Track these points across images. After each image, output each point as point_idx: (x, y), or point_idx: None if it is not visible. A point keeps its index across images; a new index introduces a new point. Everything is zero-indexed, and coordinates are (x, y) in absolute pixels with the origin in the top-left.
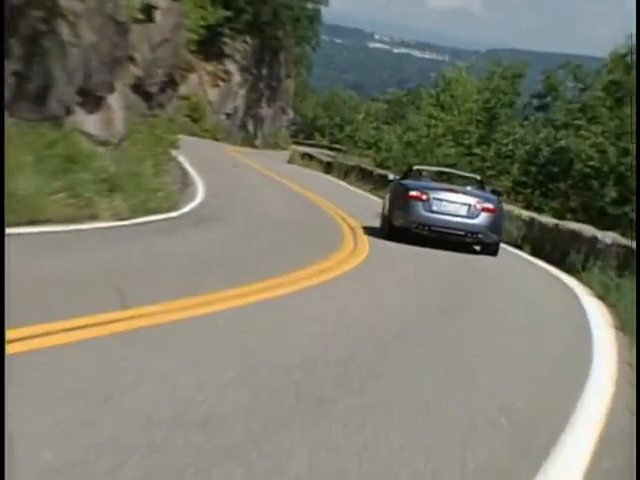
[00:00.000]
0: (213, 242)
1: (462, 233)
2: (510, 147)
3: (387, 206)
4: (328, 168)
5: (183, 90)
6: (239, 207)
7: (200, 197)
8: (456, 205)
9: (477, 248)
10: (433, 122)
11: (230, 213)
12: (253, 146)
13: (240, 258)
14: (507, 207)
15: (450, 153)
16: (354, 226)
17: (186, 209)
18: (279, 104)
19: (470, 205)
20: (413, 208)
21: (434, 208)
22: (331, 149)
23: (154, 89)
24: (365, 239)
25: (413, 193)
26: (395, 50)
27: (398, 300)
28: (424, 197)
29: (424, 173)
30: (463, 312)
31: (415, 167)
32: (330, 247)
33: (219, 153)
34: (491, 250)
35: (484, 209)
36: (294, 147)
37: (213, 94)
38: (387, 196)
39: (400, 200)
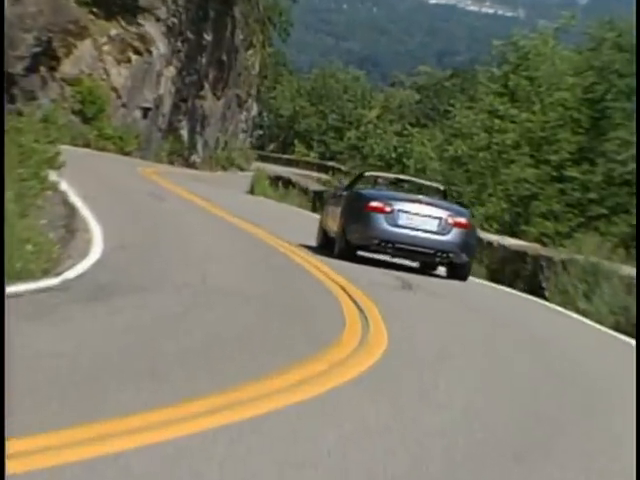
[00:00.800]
0: (122, 332)
1: (431, 252)
2: (630, 167)
3: (330, 218)
4: (318, 202)
5: (68, 69)
6: (166, 269)
7: (98, 251)
8: (425, 219)
9: (442, 271)
10: (498, 124)
11: (150, 279)
12: (189, 165)
13: (169, 359)
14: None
15: (527, 176)
16: (364, 307)
17: (73, 272)
18: (234, 92)
19: (441, 219)
20: (374, 222)
21: (399, 222)
22: (323, 169)
23: (19, 68)
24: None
25: (374, 204)
26: (432, 0)
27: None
28: (387, 209)
29: (379, 180)
30: None
31: (367, 173)
32: (322, 339)
33: (130, 177)
34: (461, 274)
35: (456, 224)
36: (260, 166)
37: (120, 76)
38: (329, 207)
39: (357, 212)
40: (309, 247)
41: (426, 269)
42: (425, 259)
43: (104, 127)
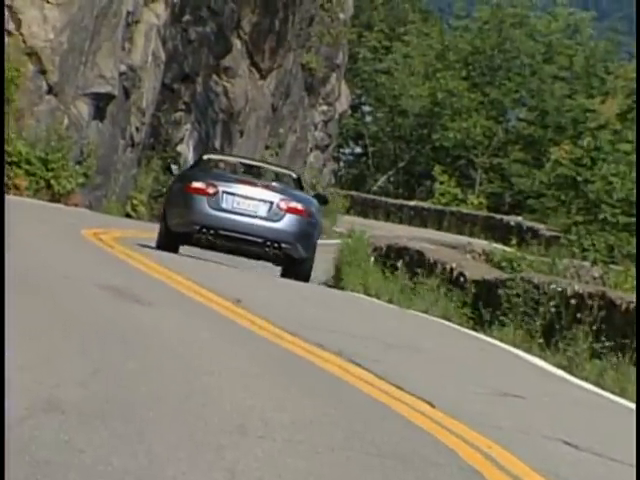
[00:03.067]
0: None
1: (260, 241)
2: None
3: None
4: (484, 308)
5: None
6: None
7: None
8: (254, 202)
9: (279, 270)
10: None
11: None
12: None
13: None
14: None
15: None
16: None
17: None
18: (297, 62)
19: (272, 203)
20: (195, 205)
21: (223, 205)
22: (498, 230)
23: None
24: None
25: (196, 185)
26: None
27: None
28: (211, 190)
29: (220, 165)
30: None
31: (206, 156)
32: None
33: (69, 250)
34: (301, 273)
35: (290, 210)
36: (353, 223)
37: (46, 24)
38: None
39: (178, 194)
40: None
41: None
42: (254, 250)
43: (9, 140)
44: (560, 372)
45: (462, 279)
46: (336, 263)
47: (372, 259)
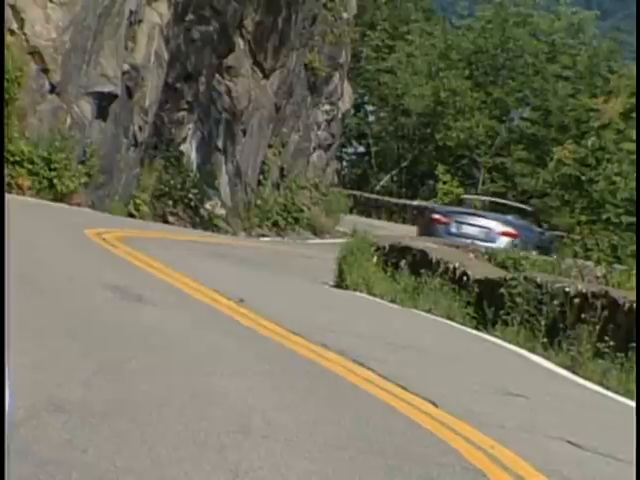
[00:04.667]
0: None
1: None
2: None
3: None
4: (488, 308)
5: None
6: None
7: None
8: (475, 228)
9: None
10: None
11: None
12: (201, 222)
13: None
14: None
15: None
16: None
17: None
18: (300, 60)
19: (490, 229)
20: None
21: (453, 230)
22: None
23: None
24: None
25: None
26: None
27: None
28: (445, 220)
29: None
30: None
31: (463, 196)
32: None
33: (72, 250)
34: None
35: (504, 233)
36: (356, 222)
37: (49, 24)
38: None
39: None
40: None
41: None
42: None
43: (11, 139)
44: (564, 372)
45: (465, 278)
46: (339, 263)
47: (375, 259)
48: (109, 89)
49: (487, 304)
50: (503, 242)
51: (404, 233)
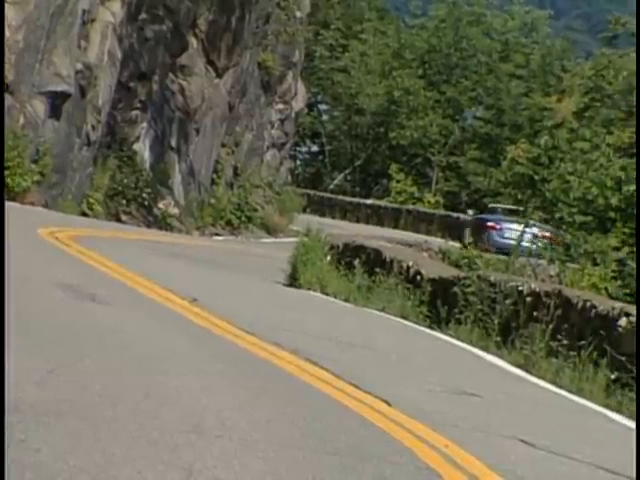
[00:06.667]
0: None
1: None
2: None
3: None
4: (442, 306)
5: None
6: None
7: None
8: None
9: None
10: None
11: None
12: (155, 222)
13: None
14: None
15: None
16: None
17: None
18: (254, 59)
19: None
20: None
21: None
22: (454, 229)
23: None
24: None
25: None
26: None
27: None
28: (497, 226)
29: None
30: None
31: (490, 205)
32: None
33: (25, 248)
34: None
35: (544, 237)
36: (309, 222)
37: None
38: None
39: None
40: None
41: None
42: None
43: None
44: (517, 370)
45: (419, 277)
46: (292, 262)
47: (328, 258)
48: (62, 88)
49: (441, 303)
50: (544, 244)
51: (358, 232)
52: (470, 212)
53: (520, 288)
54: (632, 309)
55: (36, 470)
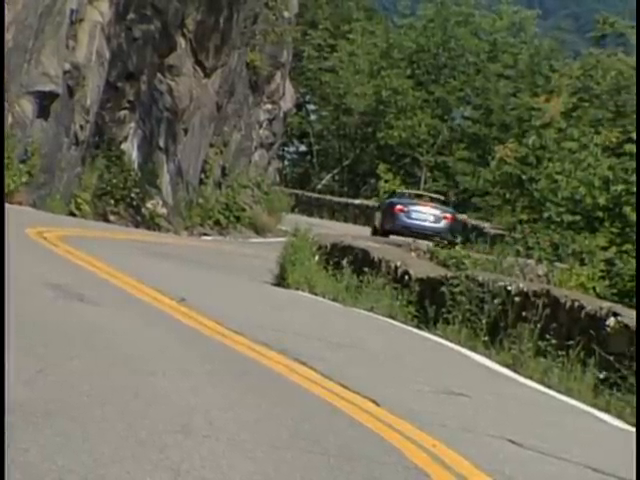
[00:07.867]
0: None
1: (430, 233)
2: None
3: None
4: (431, 307)
5: None
6: None
7: None
8: (425, 215)
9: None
10: None
11: None
12: (143, 222)
13: None
14: None
15: None
16: None
17: None
18: (242, 60)
19: (436, 215)
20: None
21: (413, 216)
22: None
23: None
24: None
25: (399, 207)
26: None
27: None
28: (405, 209)
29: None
30: None
31: (397, 190)
32: None
33: (14, 248)
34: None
35: (445, 217)
36: (297, 221)
37: None
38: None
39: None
40: None
41: None
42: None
43: None
44: (505, 370)
45: (407, 277)
46: (281, 261)
47: (316, 258)
48: (50, 88)
49: (429, 303)
50: (445, 224)
51: (346, 232)
52: (357, 201)
53: (508, 288)
54: (620, 309)
55: (24, 470)
